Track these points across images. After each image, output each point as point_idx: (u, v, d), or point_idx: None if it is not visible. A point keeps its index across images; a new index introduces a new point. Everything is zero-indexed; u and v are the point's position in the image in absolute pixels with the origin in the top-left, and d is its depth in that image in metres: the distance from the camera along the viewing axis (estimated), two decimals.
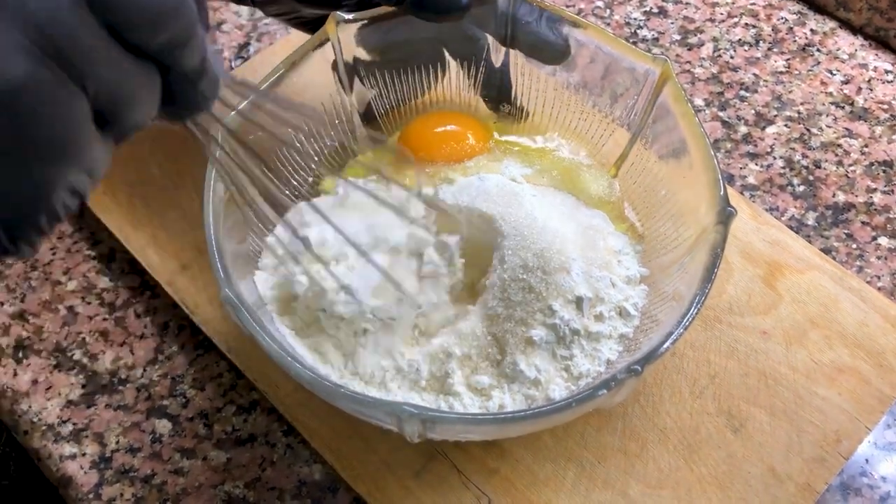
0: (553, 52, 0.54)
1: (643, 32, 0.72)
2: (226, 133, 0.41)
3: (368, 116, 0.58)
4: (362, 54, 0.55)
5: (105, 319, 0.57)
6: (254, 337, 0.42)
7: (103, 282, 0.59)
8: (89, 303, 0.58)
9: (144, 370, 0.55)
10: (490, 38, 0.56)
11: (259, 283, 0.49)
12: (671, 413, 0.52)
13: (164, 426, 0.53)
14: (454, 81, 0.59)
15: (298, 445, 0.52)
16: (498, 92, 0.59)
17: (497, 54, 0.57)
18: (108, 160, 0.30)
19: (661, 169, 0.53)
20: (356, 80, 0.56)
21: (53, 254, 0.60)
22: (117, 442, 0.52)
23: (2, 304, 0.58)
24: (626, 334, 0.49)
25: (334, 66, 0.54)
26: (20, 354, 0.56)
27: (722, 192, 0.46)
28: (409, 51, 0.56)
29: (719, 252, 0.45)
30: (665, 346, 0.42)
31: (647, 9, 0.73)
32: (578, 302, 0.48)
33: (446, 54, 0.57)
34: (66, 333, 0.57)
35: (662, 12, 0.73)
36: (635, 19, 0.73)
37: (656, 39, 0.71)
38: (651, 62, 0.51)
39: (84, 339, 0.57)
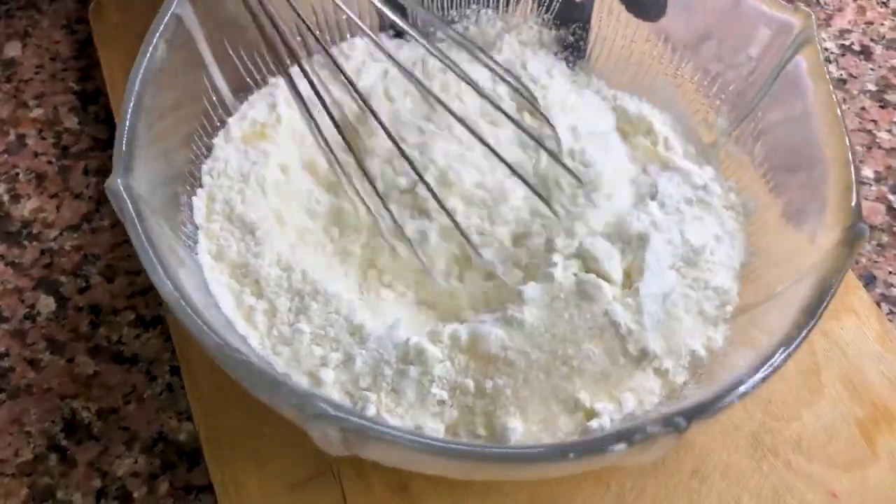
0: (652, 3, 0.43)
1: (830, 68, 0.55)
2: None
3: None
4: None
5: (50, 163, 0.48)
6: (137, 251, 0.31)
7: (70, 121, 0.50)
8: (44, 138, 0.49)
9: (61, 234, 0.45)
10: None
11: (198, 206, 0.38)
12: None
13: (46, 305, 0.43)
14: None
15: (179, 391, 0.41)
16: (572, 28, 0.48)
17: None
18: None
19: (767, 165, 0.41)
20: None
21: (37, 73, 0.51)
22: None
23: None
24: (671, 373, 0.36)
25: None
26: None
27: (854, 203, 0.34)
28: None
29: (834, 283, 0.32)
30: (727, 399, 0.30)
31: (847, 43, 0.57)
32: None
33: None
34: (2, 161, 0.48)
35: (865, 52, 0.56)
36: (826, 49, 0.56)
37: (843, 81, 0.55)
38: (790, 13, 0.38)
39: (17, 174, 0.48)
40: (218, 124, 0.41)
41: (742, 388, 0.31)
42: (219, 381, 0.40)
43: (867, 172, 0.51)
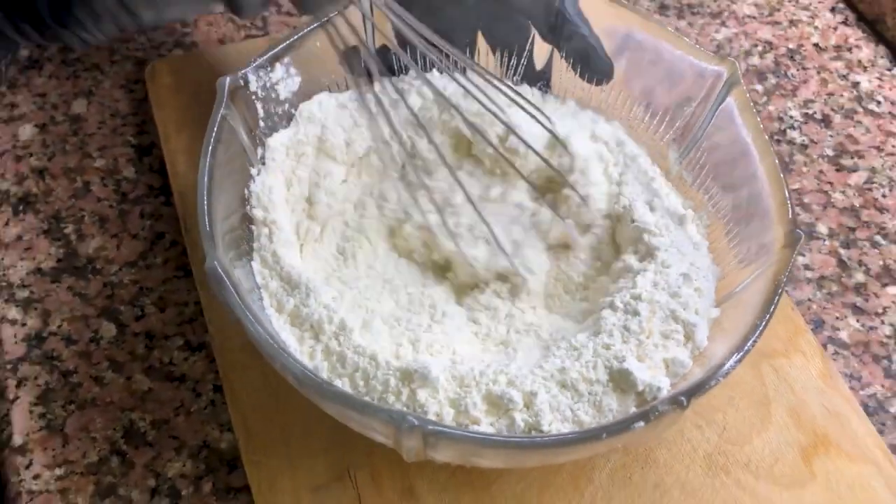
0: (601, 69, 0.50)
1: (793, 133, 0.62)
2: None
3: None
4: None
5: (111, 207, 0.55)
6: (240, 320, 0.38)
7: (128, 171, 0.57)
8: (106, 185, 0.56)
9: (120, 269, 0.52)
10: (535, 32, 0.52)
11: (256, 269, 0.46)
12: None
13: (108, 330, 0.50)
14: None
15: (221, 406, 0.47)
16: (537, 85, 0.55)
17: (540, 54, 0.52)
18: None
19: (714, 185, 0.49)
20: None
21: (99, 128, 0.59)
22: (59, 326, 0.50)
23: (31, 154, 0.57)
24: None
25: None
26: (20, 208, 0.55)
27: (791, 215, 0.43)
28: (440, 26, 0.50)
29: (783, 279, 0.41)
30: (715, 379, 0.39)
31: (810, 112, 0.64)
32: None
33: (480, 39, 0.52)
34: (70, 205, 0.55)
35: (825, 120, 0.63)
36: (791, 117, 0.63)
37: (804, 146, 0.62)
38: (718, 62, 0.47)
39: (83, 217, 0.55)
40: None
41: (725, 369, 0.39)
42: (255, 398, 0.47)
43: (822, 228, 0.58)
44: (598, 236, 0.50)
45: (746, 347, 0.39)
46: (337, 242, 0.49)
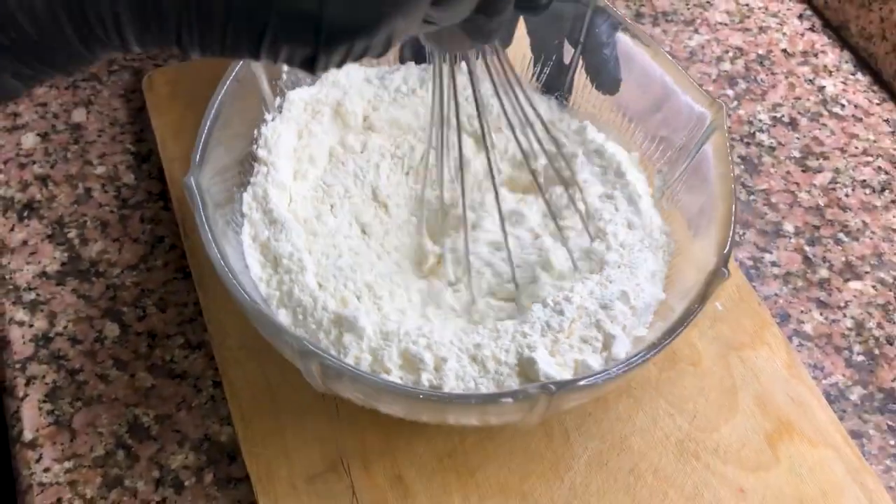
0: (609, 83, 0.53)
1: (762, 136, 0.65)
2: None
3: None
4: None
5: (112, 212, 0.58)
6: (198, 229, 0.43)
7: (128, 177, 0.59)
8: (107, 191, 0.59)
9: (122, 272, 0.55)
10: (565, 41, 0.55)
11: (246, 199, 0.50)
12: None
13: (112, 330, 0.53)
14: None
15: (221, 401, 0.50)
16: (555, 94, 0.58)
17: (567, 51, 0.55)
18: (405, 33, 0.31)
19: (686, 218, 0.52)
20: None
21: (99, 136, 0.61)
22: (65, 327, 0.52)
23: (35, 162, 0.60)
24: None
25: None
26: (25, 214, 0.57)
27: (726, 251, 0.45)
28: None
29: (697, 305, 0.44)
30: (585, 380, 0.42)
31: (778, 115, 0.67)
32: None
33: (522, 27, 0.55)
34: (72, 211, 0.57)
35: (793, 123, 0.67)
36: (760, 121, 0.66)
37: (772, 148, 0.65)
38: (706, 105, 0.48)
39: (86, 222, 0.57)
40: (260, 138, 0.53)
41: (597, 377, 0.42)
42: (252, 393, 0.49)
43: (788, 227, 0.61)
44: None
45: (631, 361, 0.42)
46: (326, 196, 0.53)
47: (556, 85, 0.57)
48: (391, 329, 0.44)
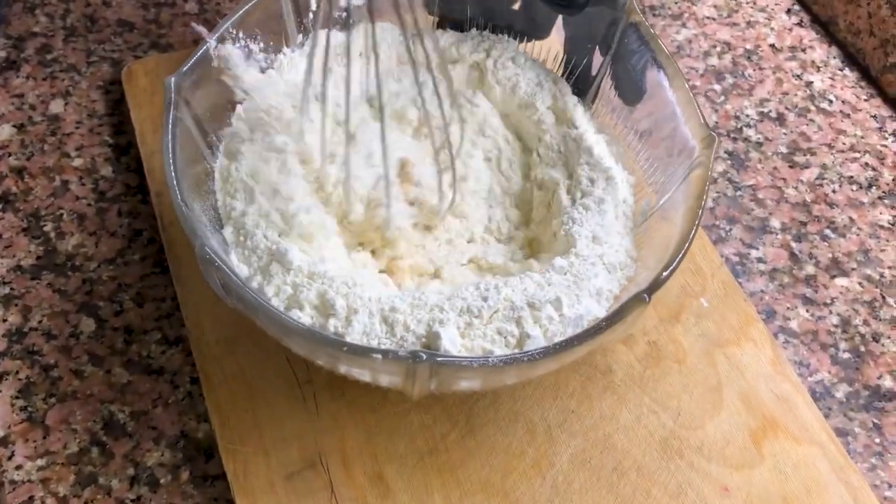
0: (632, 94, 0.52)
1: (749, 132, 0.65)
2: None
3: None
4: None
5: (90, 205, 0.57)
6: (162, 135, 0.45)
7: (106, 170, 0.58)
8: (84, 184, 0.58)
9: (99, 266, 0.54)
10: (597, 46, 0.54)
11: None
12: None
13: (88, 325, 0.52)
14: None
15: (198, 398, 0.49)
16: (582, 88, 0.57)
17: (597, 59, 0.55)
18: None
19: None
20: None
21: (77, 127, 0.60)
22: (40, 322, 0.51)
23: (10, 154, 0.58)
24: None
25: None
26: (0, 207, 0.56)
27: (661, 279, 0.43)
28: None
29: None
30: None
31: (766, 110, 0.66)
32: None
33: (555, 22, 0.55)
34: (49, 203, 0.56)
35: (780, 119, 0.66)
36: (747, 116, 0.66)
37: (759, 144, 0.64)
38: (699, 138, 0.47)
39: (62, 215, 0.56)
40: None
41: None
42: (230, 389, 0.49)
43: (775, 223, 0.61)
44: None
45: (515, 357, 0.41)
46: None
47: (583, 88, 0.56)
48: (318, 270, 0.45)
